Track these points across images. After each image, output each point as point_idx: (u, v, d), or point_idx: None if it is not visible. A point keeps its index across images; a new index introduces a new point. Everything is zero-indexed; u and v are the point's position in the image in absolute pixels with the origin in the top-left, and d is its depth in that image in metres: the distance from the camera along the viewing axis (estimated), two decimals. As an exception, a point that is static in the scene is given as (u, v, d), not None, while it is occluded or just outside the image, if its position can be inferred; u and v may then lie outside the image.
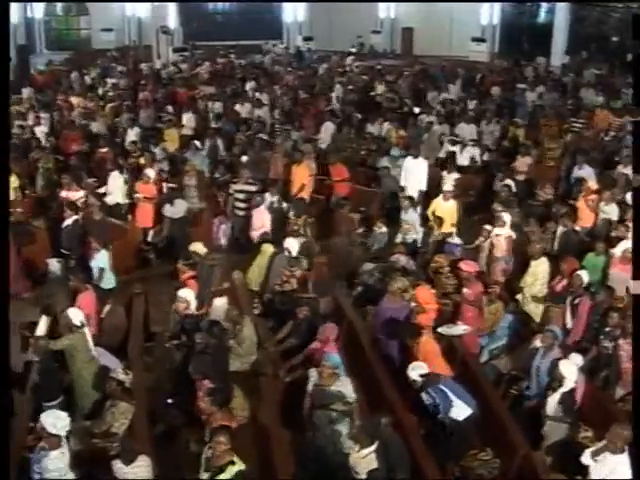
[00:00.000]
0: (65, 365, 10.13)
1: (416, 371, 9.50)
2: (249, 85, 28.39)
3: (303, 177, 16.66)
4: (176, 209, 15.30)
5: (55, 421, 7.98)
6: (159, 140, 19.99)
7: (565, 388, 9.35)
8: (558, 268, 12.23)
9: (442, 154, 19.49)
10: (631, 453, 8.00)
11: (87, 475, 8.77)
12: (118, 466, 8.07)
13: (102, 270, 12.69)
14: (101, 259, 12.73)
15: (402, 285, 11.31)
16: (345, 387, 9.26)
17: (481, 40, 41.83)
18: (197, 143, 18.96)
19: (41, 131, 20.97)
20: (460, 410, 9.29)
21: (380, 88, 28.17)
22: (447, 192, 15.02)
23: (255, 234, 14.93)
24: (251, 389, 10.18)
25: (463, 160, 19.01)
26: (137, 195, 16.10)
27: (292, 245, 13.25)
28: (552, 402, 9.39)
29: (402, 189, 16.63)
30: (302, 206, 15.50)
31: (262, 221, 14.96)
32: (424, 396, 9.33)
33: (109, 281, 12.83)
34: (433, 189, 16.61)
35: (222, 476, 7.74)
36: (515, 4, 43.96)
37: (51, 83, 31.60)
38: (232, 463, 7.78)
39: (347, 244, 14.66)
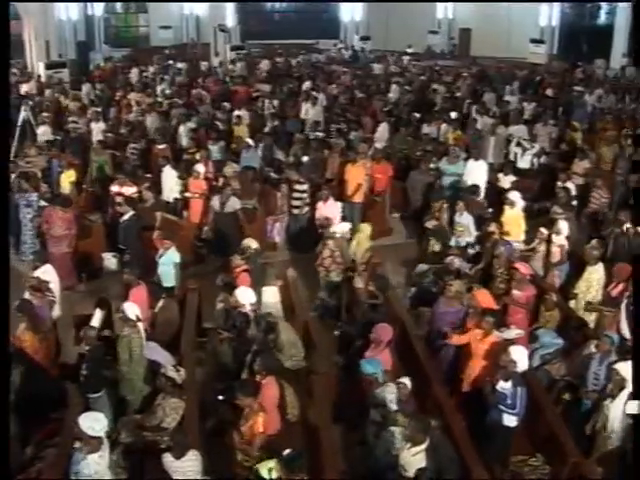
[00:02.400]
0: (116, 359, 10.25)
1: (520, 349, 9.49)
2: (306, 84, 28.44)
3: (358, 177, 16.61)
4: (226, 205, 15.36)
5: (93, 424, 7.92)
6: (228, 138, 20.26)
7: (629, 389, 9.09)
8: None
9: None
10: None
11: (137, 467, 8.88)
12: (168, 459, 8.11)
13: (177, 265, 12.76)
14: (174, 256, 12.79)
15: (460, 288, 11.25)
16: (386, 394, 9.19)
17: (540, 42, 41.40)
18: (250, 141, 18.99)
19: (98, 127, 21.22)
20: (513, 419, 9.26)
21: (437, 89, 27.95)
22: (509, 200, 14.82)
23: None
24: (302, 387, 10.21)
25: (524, 163, 18.83)
26: (187, 194, 16.26)
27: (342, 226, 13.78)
28: (618, 404, 9.16)
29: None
30: (440, 192, 16.10)
31: (333, 213, 14.88)
32: (504, 384, 9.21)
33: (171, 279, 12.81)
34: (489, 190, 16.53)
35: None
36: (575, 5, 43.44)
37: (109, 79, 32.01)
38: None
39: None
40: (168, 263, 12.71)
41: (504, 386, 9.19)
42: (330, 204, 15.16)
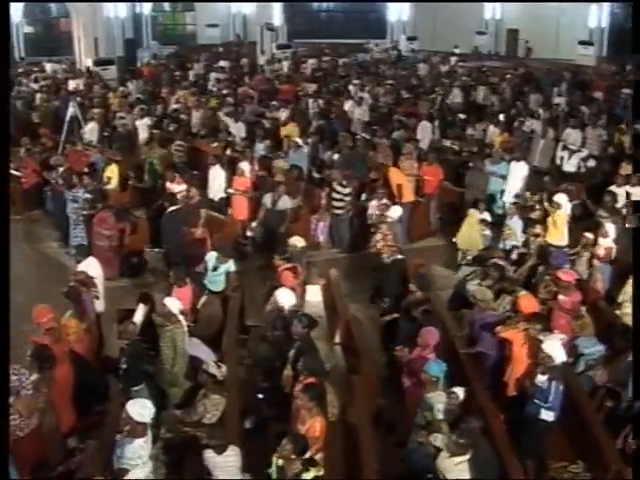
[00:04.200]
0: (158, 353, 10.34)
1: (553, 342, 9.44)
2: (352, 84, 28.39)
3: (399, 177, 16.62)
4: (277, 203, 15.42)
5: (142, 410, 8.06)
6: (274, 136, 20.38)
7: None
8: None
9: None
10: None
11: (177, 462, 8.94)
12: (209, 455, 8.17)
13: (230, 273, 12.71)
14: (230, 265, 12.71)
15: (481, 296, 11.21)
16: (437, 400, 9.11)
17: (588, 43, 40.90)
18: (298, 140, 19.03)
19: (143, 123, 21.41)
20: (551, 414, 9.21)
21: (483, 90, 27.75)
22: (554, 203, 14.67)
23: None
24: (342, 386, 10.21)
25: (570, 167, 18.65)
26: (230, 190, 16.38)
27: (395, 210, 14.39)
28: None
29: (502, 193, 16.48)
30: (539, 184, 16.26)
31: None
32: (541, 377, 9.20)
33: (221, 285, 12.71)
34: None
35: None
36: (625, 6, 42.78)
37: (155, 76, 32.30)
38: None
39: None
40: (221, 273, 12.63)
41: (540, 379, 9.18)
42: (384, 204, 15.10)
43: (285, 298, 11.05)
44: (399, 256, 13.07)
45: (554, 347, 9.36)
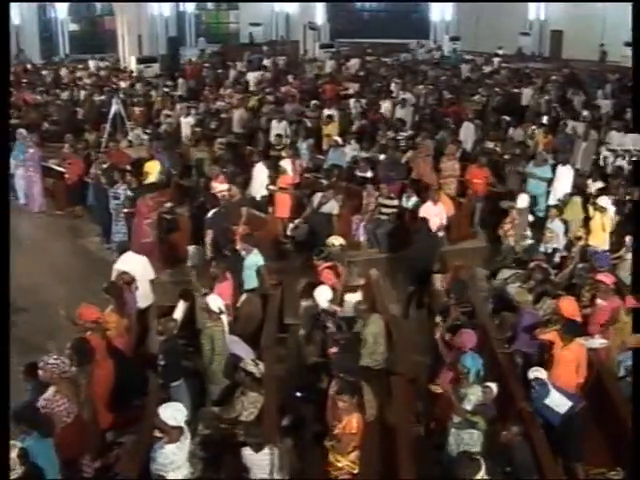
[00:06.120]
0: (199, 350, 10.36)
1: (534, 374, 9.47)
2: (394, 84, 28.32)
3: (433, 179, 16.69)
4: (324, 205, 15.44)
5: (175, 414, 7.91)
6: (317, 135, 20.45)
7: None
8: None
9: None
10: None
11: (214, 459, 8.97)
12: (247, 452, 8.17)
13: (260, 268, 12.64)
14: (257, 258, 12.66)
15: (520, 298, 11.13)
16: (469, 394, 9.04)
17: (634, 45, 40.32)
18: (339, 140, 19.02)
19: (187, 122, 21.52)
20: (558, 403, 9.25)
21: (527, 92, 27.53)
22: (598, 206, 14.50)
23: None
24: (381, 387, 10.19)
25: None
26: (272, 187, 16.41)
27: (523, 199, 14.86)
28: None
29: (547, 195, 16.35)
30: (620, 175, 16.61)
31: (442, 216, 14.97)
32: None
33: (254, 281, 12.66)
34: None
35: None
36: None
37: (198, 74, 32.49)
38: None
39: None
40: (251, 267, 12.63)
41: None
42: (440, 206, 15.05)
43: (322, 296, 11.11)
44: (528, 241, 14.08)
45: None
